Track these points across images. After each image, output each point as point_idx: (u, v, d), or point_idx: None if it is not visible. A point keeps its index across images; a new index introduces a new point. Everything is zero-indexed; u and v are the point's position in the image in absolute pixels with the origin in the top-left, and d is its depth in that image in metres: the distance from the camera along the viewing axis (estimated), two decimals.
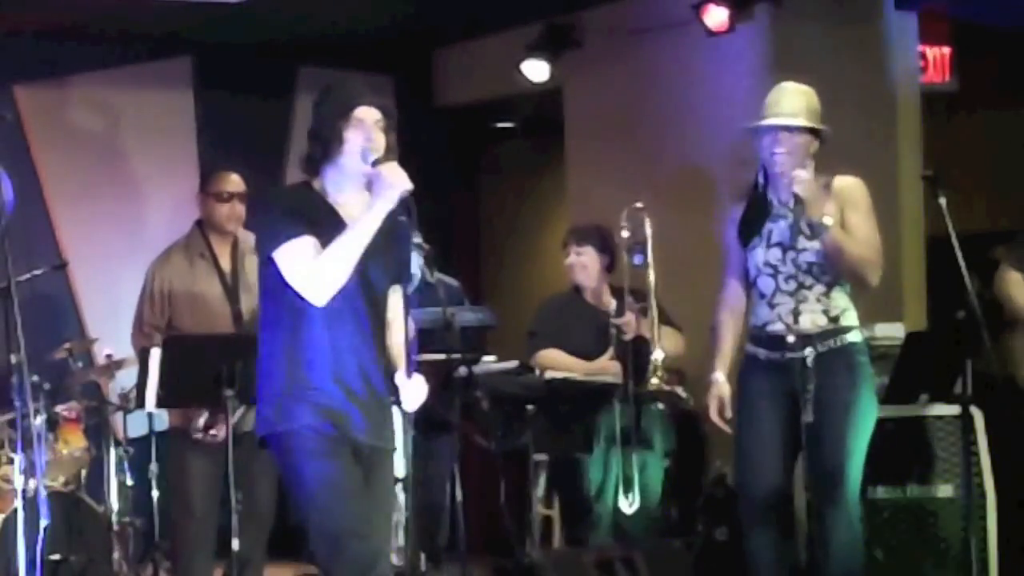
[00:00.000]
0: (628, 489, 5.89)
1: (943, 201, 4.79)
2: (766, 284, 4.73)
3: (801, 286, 4.70)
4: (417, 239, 6.29)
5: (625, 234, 5.90)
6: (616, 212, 5.98)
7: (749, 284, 4.84)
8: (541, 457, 6.16)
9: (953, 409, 5.35)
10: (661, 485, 6.06)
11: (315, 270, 3.85)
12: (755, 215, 4.74)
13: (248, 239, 5.66)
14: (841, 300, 4.76)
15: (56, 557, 5.64)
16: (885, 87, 6.72)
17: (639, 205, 5.84)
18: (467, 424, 5.86)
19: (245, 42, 7.94)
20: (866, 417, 4.74)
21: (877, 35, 6.77)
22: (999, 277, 5.92)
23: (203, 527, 5.43)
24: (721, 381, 4.81)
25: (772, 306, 4.71)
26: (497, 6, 7.75)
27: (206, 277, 5.56)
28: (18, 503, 4.78)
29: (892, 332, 5.76)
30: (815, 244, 4.67)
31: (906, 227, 6.63)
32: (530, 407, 5.80)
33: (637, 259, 5.83)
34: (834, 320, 4.73)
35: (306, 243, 3.88)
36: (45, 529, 4.25)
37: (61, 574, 5.70)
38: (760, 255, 4.73)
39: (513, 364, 5.94)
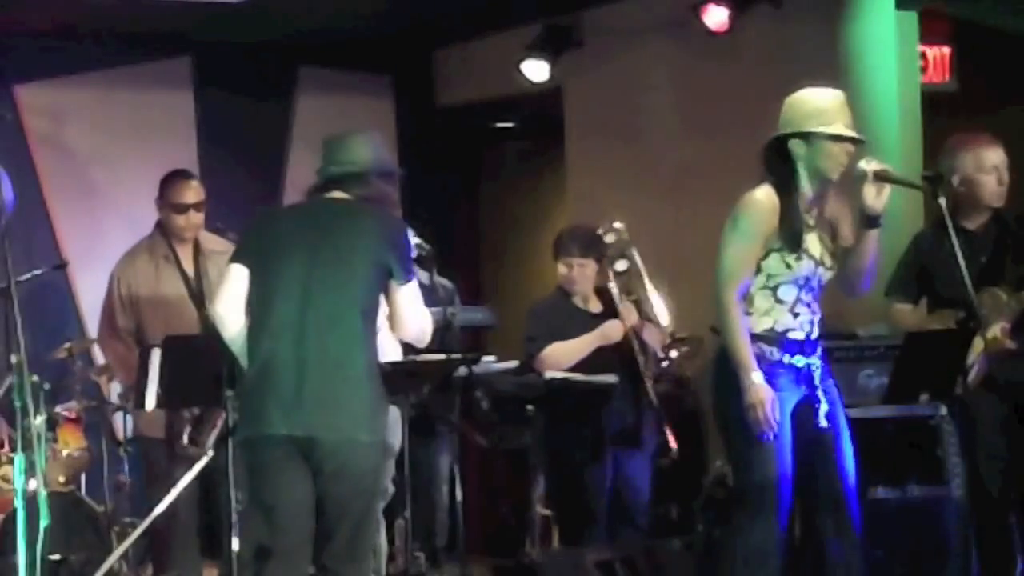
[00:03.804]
0: (627, 488, 5.90)
1: (943, 201, 4.78)
2: (788, 293, 4.71)
3: (813, 299, 4.75)
4: (416, 239, 6.30)
5: (610, 239, 5.95)
6: (616, 212, 5.98)
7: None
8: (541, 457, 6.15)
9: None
10: (653, 484, 6.05)
11: None
12: (797, 224, 4.71)
13: (209, 241, 5.66)
14: None
15: (56, 557, 5.64)
16: (885, 87, 6.72)
17: (617, 225, 5.89)
18: (467, 424, 5.86)
19: (245, 42, 7.94)
20: None
21: (877, 35, 6.77)
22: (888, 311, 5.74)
23: (185, 529, 5.45)
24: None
25: (795, 315, 4.72)
26: (497, 6, 7.75)
27: (171, 280, 5.57)
28: (18, 503, 4.77)
29: (891, 331, 5.76)
30: (836, 264, 4.74)
31: (906, 227, 6.63)
32: (530, 407, 5.80)
33: (620, 265, 5.93)
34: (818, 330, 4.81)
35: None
36: (45, 529, 4.25)
37: (61, 574, 5.70)
38: (803, 266, 4.70)
39: (513, 364, 5.94)
